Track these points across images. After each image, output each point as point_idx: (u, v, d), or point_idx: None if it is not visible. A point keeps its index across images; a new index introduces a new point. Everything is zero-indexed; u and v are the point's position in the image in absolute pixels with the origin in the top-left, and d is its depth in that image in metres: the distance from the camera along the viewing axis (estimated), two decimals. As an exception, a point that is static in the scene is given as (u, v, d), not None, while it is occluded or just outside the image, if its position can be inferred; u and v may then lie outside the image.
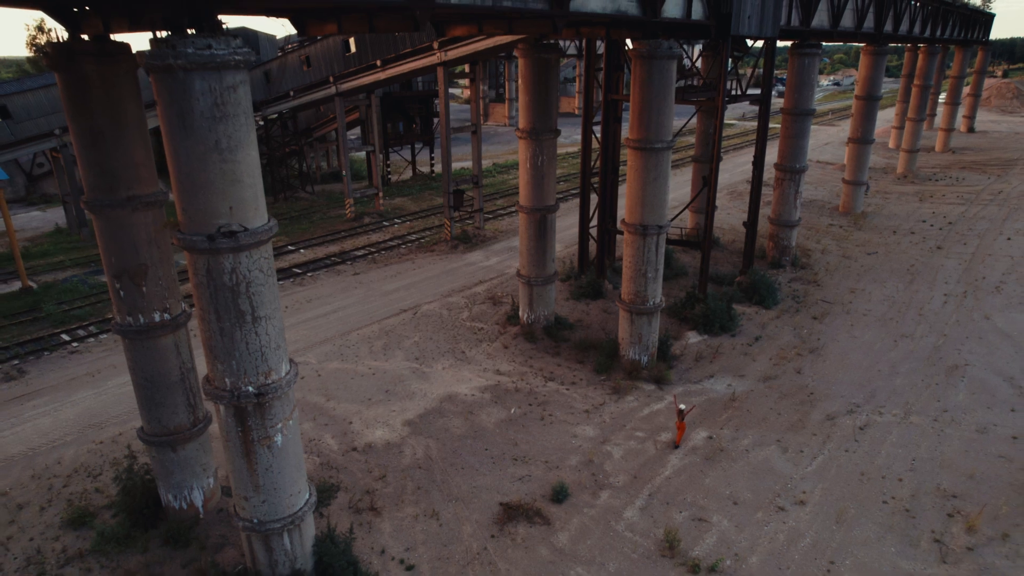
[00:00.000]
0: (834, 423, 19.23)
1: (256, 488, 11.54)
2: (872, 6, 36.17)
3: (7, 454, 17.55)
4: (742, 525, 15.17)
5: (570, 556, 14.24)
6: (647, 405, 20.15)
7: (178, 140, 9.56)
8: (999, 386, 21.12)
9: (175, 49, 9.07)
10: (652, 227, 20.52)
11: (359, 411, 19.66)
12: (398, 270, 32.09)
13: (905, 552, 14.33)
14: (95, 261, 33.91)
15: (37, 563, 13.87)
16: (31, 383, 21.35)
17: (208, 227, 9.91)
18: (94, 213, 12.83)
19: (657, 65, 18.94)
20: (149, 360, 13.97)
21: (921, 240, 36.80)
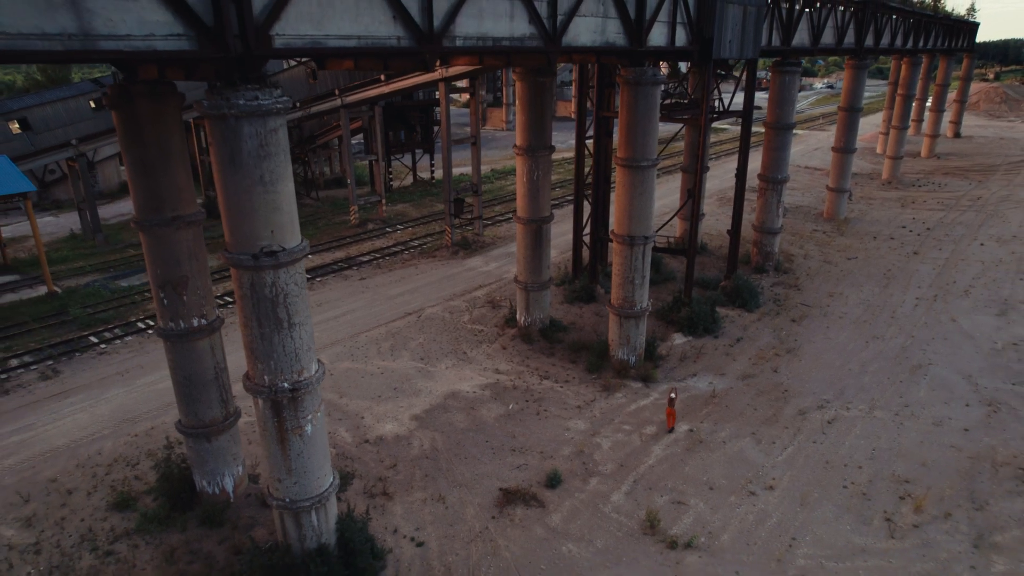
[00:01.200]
0: (805, 417, 21.05)
1: (289, 471, 13.32)
2: (852, 23, 38.04)
3: (52, 446, 19.30)
4: (716, 507, 16.98)
5: (562, 534, 16.04)
6: (634, 401, 21.96)
7: (228, 175, 11.34)
8: (957, 383, 22.97)
9: (228, 100, 10.85)
10: (639, 238, 22.34)
11: (370, 407, 21.44)
12: (402, 275, 33.87)
13: (859, 529, 16.15)
14: (113, 267, 35.66)
15: (90, 540, 15.63)
16: (66, 382, 23.10)
17: (252, 247, 11.69)
18: (143, 231, 14.59)
19: (642, 91, 20.77)
20: (188, 360, 15.74)
21: (900, 245, 38.66)
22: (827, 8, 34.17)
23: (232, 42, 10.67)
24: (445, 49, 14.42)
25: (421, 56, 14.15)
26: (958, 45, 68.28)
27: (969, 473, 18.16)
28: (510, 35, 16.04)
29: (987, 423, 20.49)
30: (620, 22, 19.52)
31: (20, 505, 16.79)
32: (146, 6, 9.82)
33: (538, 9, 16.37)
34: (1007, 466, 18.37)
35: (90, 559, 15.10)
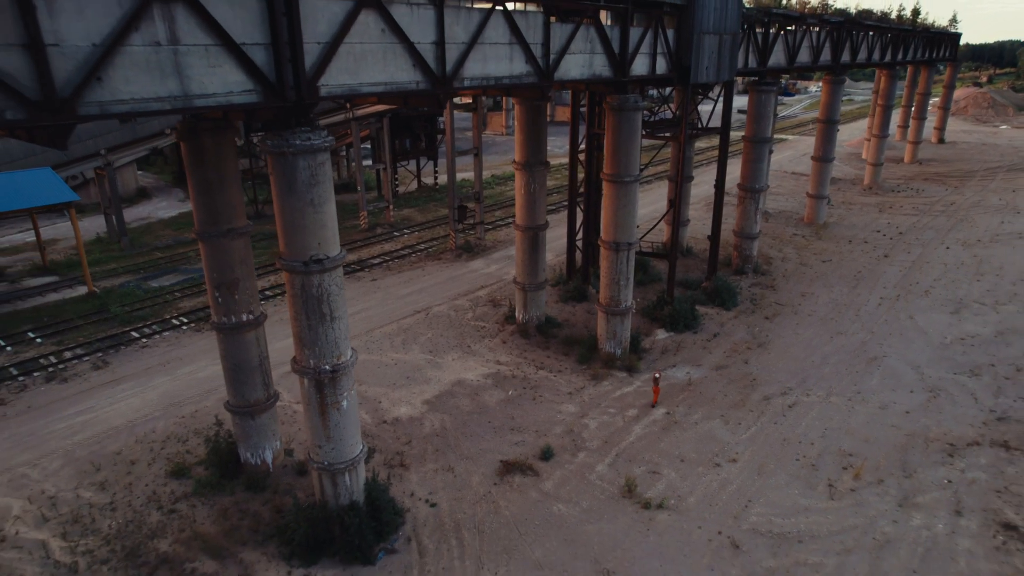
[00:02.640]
0: (768, 402, 23.96)
1: (328, 438, 16.21)
2: (827, 42, 40.91)
3: (112, 425, 22.20)
4: (685, 476, 19.88)
5: (553, 497, 18.94)
6: (619, 388, 24.86)
7: (285, 198, 14.23)
8: (906, 373, 25.88)
9: (287, 141, 13.75)
10: (623, 244, 25.25)
11: (386, 393, 24.34)
12: (410, 276, 36.78)
13: (805, 493, 19.05)
14: (143, 268, 38.54)
15: (155, 500, 18.52)
16: (116, 371, 26.00)
17: (303, 256, 14.58)
18: (203, 240, 17.49)
19: (625, 116, 23.68)
20: (237, 350, 18.64)
21: (872, 249, 41.56)
22: (802, 30, 37.05)
23: (289, 93, 13.56)
24: (455, 89, 17.33)
25: (436, 96, 17.05)
26: (940, 55, 71.20)
27: (904, 448, 21.06)
28: (510, 74, 18.95)
29: (926, 407, 23.40)
30: (606, 56, 22.44)
31: (93, 473, 19.69)
32: (228, 70, 12.71)
33: (533, 51, 19.27)
34: (937, 442, 21.28)
35: (157, 515, 17.99)
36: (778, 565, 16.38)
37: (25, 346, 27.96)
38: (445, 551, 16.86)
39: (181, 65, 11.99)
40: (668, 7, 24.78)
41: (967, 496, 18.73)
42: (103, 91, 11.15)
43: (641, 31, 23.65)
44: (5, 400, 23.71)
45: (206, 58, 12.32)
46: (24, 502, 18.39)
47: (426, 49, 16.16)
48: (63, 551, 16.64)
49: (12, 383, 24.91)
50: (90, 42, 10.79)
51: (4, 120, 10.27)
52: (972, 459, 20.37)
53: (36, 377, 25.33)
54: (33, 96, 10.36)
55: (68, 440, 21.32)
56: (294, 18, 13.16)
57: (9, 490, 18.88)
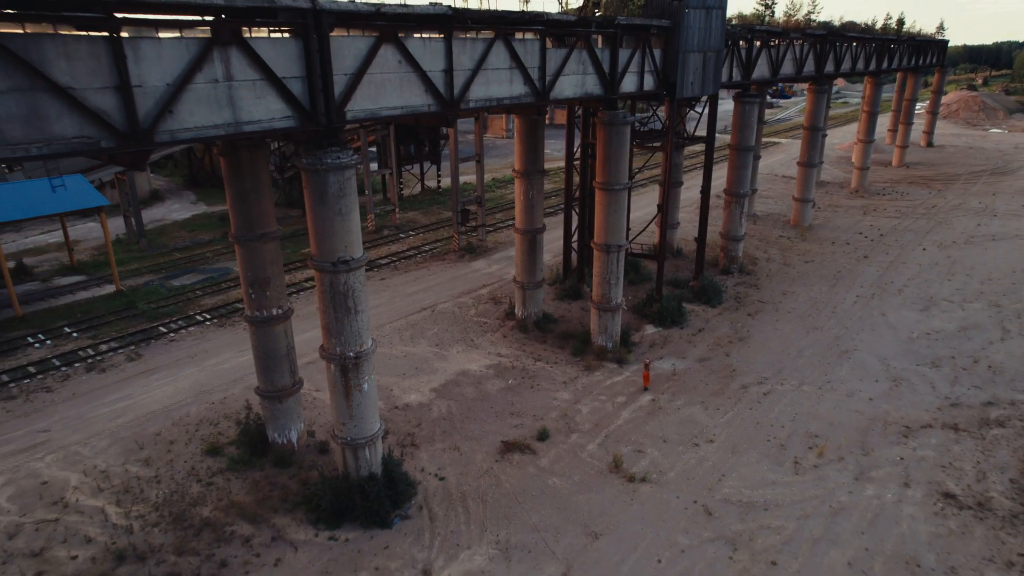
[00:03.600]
0: (746, 390, 26.27)
1: (351, 417, 18.54)
2: (810, 54, 43.19)
3: (150, 410, 24.54)
4: (667, 454, 22.20)
5: (548, 472, 21.26)
6: (610, 378, 27.19)
7: (317, 208, 16.56)
8: (873, 364, 28.20)
9: (320, 159, 16.08)
10: (613, 246, 27.57)
11: (397, 382, 26.67)
12: (416, 276, 39.11)
13: (773, 469, 21.37)
14: (164, 268, 40.87)
15: (194, 475, 20.84)
16: (148, 363, 28.33)
17: (332, 257, 16.90)
18: (239, 244, 19.81)
19: (615, 130, 26.02)
20: (267, 340, 20.97)
21: (853, 250, 43.87)
22: (785, 44, 39.33)
23: (321, 119, 15.90)
24: (461, 110, 19.66)
25: (445, 116, 19.38)
26: (927, 62, 73.50)
27: (865, 430, 23.38)
28: (510, 95, 21.28)
29: (888, 394, 25.73)
30: (597, 76, 24.76)
31: (137, 451, 22.02)
32: (271, 101, 15.04)
33: (531, 75, 21.59)
34: (894, 425, 23.60)
35: (197, 487, 20.31)
36: (744, 528, 18.70)
37: (63, 340, 30.30)
38: (453, 517, 19.18)
39: (234, 98, 14.34)
40: (655, 29, 27.10)
41: (916, 470, 21.06)
42: (173, 122, 13.50)
43: (630, 52, 25.96)
44: (52, 388, 26.05)
45: (253, 91, 14.67)
46: (80, 475, 20.73)
47: (436, 76, 18.50)
48: (118, 516, 18.97)
49: (56, 373, 27.25)
50: (165, 82, 13.15)
51: (99, 148, 12.63)
52: (924, 439, 22.70)
53: (77, 368, 27.66)
54: (122, 128, 12.71)
55: (112, 423, 23.66)
56: (325, 54, 15.51)
57: (66, 465, 21.23)
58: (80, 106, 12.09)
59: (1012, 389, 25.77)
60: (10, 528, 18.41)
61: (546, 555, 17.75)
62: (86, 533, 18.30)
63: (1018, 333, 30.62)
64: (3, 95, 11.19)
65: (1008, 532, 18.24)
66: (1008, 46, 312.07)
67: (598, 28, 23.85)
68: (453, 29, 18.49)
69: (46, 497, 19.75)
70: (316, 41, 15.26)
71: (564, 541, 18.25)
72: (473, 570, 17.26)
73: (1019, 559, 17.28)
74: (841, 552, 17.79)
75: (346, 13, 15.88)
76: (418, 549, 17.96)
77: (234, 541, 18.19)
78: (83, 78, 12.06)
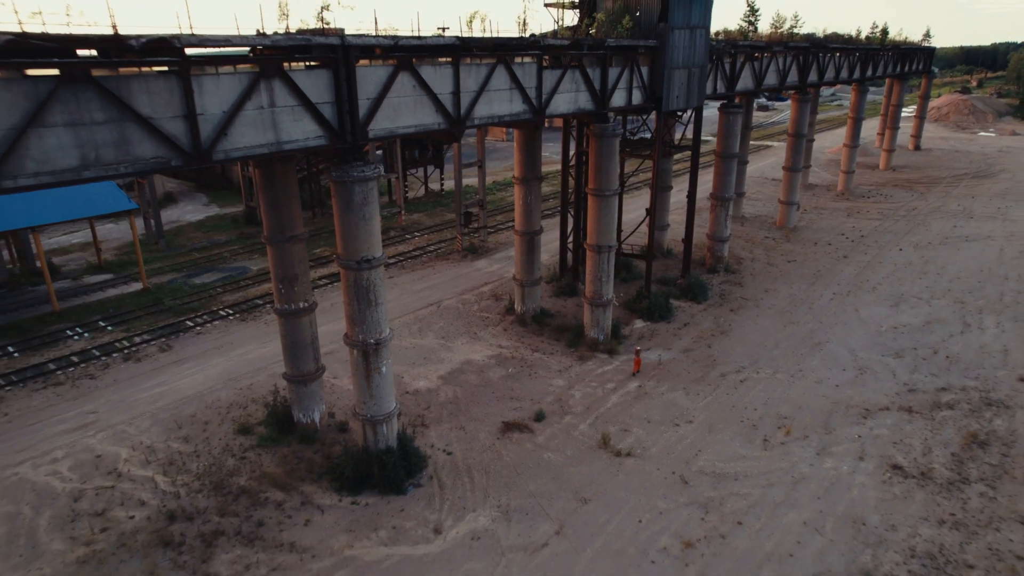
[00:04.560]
0: (724, 378, 28.88)
1: (371, 396, 21.16)
2: (793, 66, 45.80)
3: (184, 395, 27.15)
4: (650, 433, 24.81)
5: (544, 447, 23.88)
6: (601, 367, 29.80)
7: (344, 214, 19.18)
8: (843, 355, 30.82)
9: (347, 172, 18.70)
10: (605, 247, 30.19)
11: (407, 370, 29.28)
12: (422, 274, 41.74)
13: (744, 446, 23.99)
14: (185, 267, 43.48)
15: (230, 450, 23.46)
16: (179, 353, 30.96)
17: (356, 257, 19.52)
18: (271, 245, 22.42)
19: (605, 141, 28.64)
20: (294, 331, 23.58)
21: (834, 250, 46.49)
22: (768, 56, 41.93)
23: (348, 137, 18.52)
24: (467, 126, 22.28)
25: (452, 133, 22.02)
26: (913, 68, 76.09)
27: (829, 412, 26.00)
28: (510, 113, 23.89)
29: (853, 381, 28.35)
30: (589, 93, 27.37)
31: (177, 430, 24.64)
32: (306, 122, 17.65)
33: (529, 94, 24.21)
34: (855, 408, 26.22)
35: (232, 461, 22.93)
36: (716, 495, 21.32)
37: (99, 333, 32.93)
38: (459, 485, 21.80)
39: (276, 121, 16.97)
40: (643, 48, 29.71)
41: (870, 447, 23.68)
42: (227, 143, 16.13)
43: (619, 70, 28.57)
44: (95, 375, 28.68)
45: (292, 115, 17.30)
46: (129, 450, 23.36)
47: (445, 98, 21.13)
48: (166, 484, 21.60)
49: (96, 362, 29.88)
50: (222, 110, 15.78)
51: (170, 166, 15.26)
52: (880, 420, 25.33)
53: (115, 357, 30.30)
54: (188, 149, 15.33)
55: (152, 405, 26.29)
56: (352, 82, 18.13)
57: (115, 441, 23.85)
58: (157, 132, 14.72)
59: (964, 376, 28.39)
60: (74, 493, 21.05)
61: (541, 516, 20.36)
62: (140, 498, 20.92)
63: (977, 327, 33.26)
64: (101, 125, 13.81)
65: (944, 497, 20.87)
66: (1005, 47, 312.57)
67: (589, 50, 26.44)
68: (460, 57, 21.10)
69: (101, 468, 22.38)
70: (344, 71, 17.88)
71: (557, 505, 20.87)
72: (478, 529, 19.88)
73: (949, 518, 19.91)
74: (798, 514, 20.41)
75: (369, 47, 18.51)
76: (430, 512, 20.58)
77: (268, 505, 20.80)
78: (160, 109, 14.69)
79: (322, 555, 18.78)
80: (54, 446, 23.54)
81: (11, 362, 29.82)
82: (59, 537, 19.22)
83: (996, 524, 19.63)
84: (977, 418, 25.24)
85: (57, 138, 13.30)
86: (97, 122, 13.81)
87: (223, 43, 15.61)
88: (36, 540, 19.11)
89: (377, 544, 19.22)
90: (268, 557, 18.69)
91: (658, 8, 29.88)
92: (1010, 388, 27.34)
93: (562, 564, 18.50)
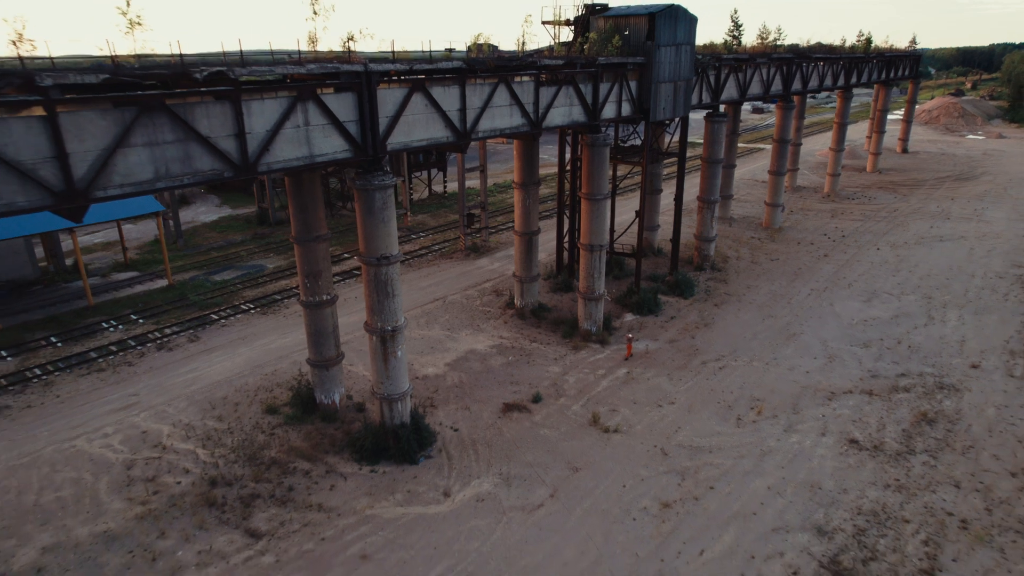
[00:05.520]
0: (705, 365, 31.71)
1: (388, 377, 24.00)
2: (777, 75, 48.62)
3: (215, 380, 30.00)
4: (636, 412, 27.64)
5: (540, 425, 26.72)
6: (593, 356, 32.64)
7: (366, 217, 22.03)
8: (815, 345, 33.66)
9: (369, 181, 21.55)
10: (596, 246, 33.03)
11: (417, 358, 32.12)
12: (428, 272, 44.58)
13: (719, 424, 26.82)
14: (205, 266, 46.32)
15: (259, 427, 26.30)
16: (207, 343, 33.81)
17: (376, 255, 22.36)
18: (298, 244, 25.26)
19: (596, 150, 31.49)
20: (318, 320, 26.42)
21: (816, 250, 49.31)
22: (751, 68, 44.75)
23: (369, 151, 21.37)
24: (472, 139, 25.13)
25: (460, 145, 24.87)
26: (899, 75, 78.93)
27: (798, 395, 28.84)
28: (510, 126, 26.74)
29: (822, 368, 31.19)
30: (581, 107, 30.21)
31: (211, 410, 27.48)
32: (334, 138, 20.49)
33: (527, 109, 27.05)
34: (822, 391, 29.06)
35: (262, 436, 25.76)
36: (692, 465, 24.16)
37: (132, 325, 35.79)
38: (465, 457, 24.64)
39: (309, 137, 19.82)
40: (631, 65, 32.56)
41: (832, 424, 26.52)
42: (269, 157, 18.98)
43: (609, 85, 31.41)
44: (132, 363, 31.54)
45: (323, 132, 20.14)
46: (170, 427, 26.20)
47: (453, 114, 23.97)
48: (205, 455, 24.44)
49: (133, 351, 32.74)
50: (265, 129, 18.63)
51: (223, 178, 18.09)
52: (843, 402, 28.16)
53: (149, 347, 33.16)
54: (238, 163, 18.18)
55: (187, 389, 29.14)
56: (373, 103, 20.98)
57: (157, 420, 26.70)
58: (214, 148, 17.56)
59: (922, 364, 31.24)
60: (126, 462, 23.90)
61: (538, 482, 23.21)
62: (184, 466, 23.77)
63: (940, 320, 36.10)
64: (171, 144, 16.66)
65: (891, 465, 23.72)
66: (1002, 48, 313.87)
67: (582, 68, 29.29)
68: (466, 78, 23.96)
69: (147, 442, 25.23)
70: (367, 94, 20.73)
71: (552, 473, 23.71)
72: (482, 493, 22.72)
73: (894, 482, 22.76)
74: (764, 480, 23.25)
75: (388, 72, 21.36)
76: (440, 478, 23.42)
77: (297, 473, 23.64)
78: (216, 129, 17.54)
79: (346, 514, 21.62)
80: (104, 423, 26.41)
81: (56, 351, 32.69)
82: (118, 498, 22.08)
83: (933, 487, 22.49)
84: (929, 399, 28.09)
85: (138, 156, 16.15)
86: (168, 142, 16.66)
87: (268, 73, 18.47)
88: (99, 500, 21.97)
89: (394, 505, 22.06)
90: (300, 515, 21.53)
91: (646, 28, 32.73)
92: (962, 374, 30.19)
93: (555, 521, 21.34)
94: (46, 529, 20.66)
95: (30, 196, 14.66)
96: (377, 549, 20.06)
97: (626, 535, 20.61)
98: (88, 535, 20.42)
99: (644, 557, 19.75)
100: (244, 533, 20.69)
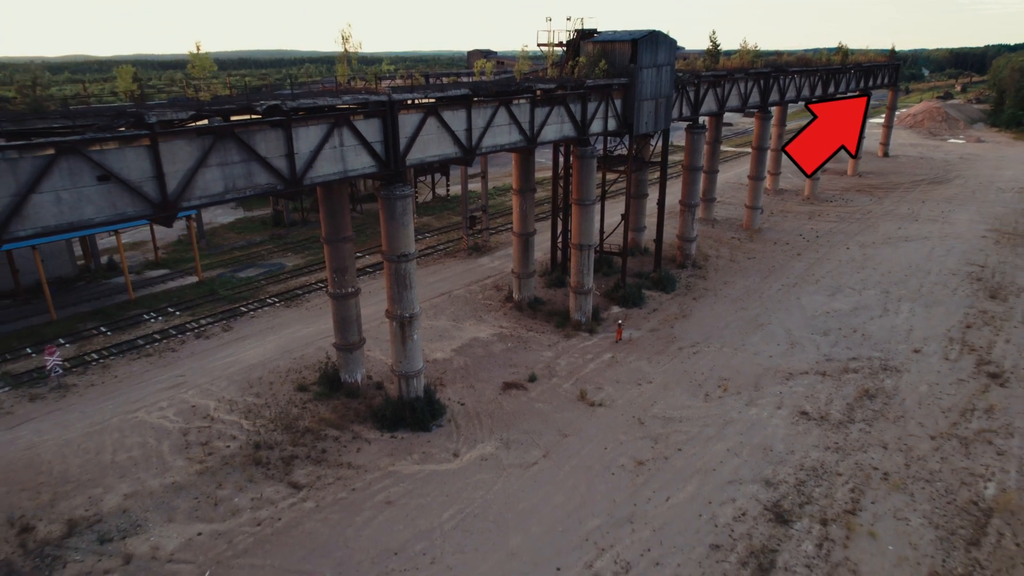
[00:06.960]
0: (680, 350, 35.92)
1: (405, 357, 28.18)
2: (755, 89, 52.82)
3: (250, 363, 34.15)
4: (618, 390, 31.83)
5: (535, 400, 30.90)
6: (582, 343, 36.83)
7: (389, 222, 26.22)
8: (780, 333, 37.87)
9: (392, 191, 25.75)
10: (586, 245, 37.24)
11: (426, 345, 36.28)
12: (434, 269, 48.76)
13: (690, 399, 31.02)
14: (229, 264, 50.45)
15: (293, 402, 30.45)
16: (239, 332, 37.95)
17: (397, 253, 26.55)
18: (327, 244, 29.43)
19: (585, 162, 35.70)
20: (344, 310, 30.59)
21: (790, 249, 53.53)
22: (730, 83, 48.93)
23: (391, 166, 25.55)
24: (477, 154, 29.33)
25: (466, 159, 29.06)
26: (877, 83, 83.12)
27: (760, 376, 33.05)
28: (509, 142, 30.93)
29: (784, 353, 35.41)
30: (571, 124, 34.40)
31: (248, 388, 31.64)
32: (363, 156, 24.66)
33: (523, 127, 31.24)
34: (781, 372, 33.28)
35: (296, 410, 29.93)
36: (664, 432, 28.36)
37: (170, 317, 39.93)
38: (471, 426, 28.81)
39: (343, 156, 24.00)
40: (616, 85, 36.73)
41: (787, 399, 30.73)
42: (312, 172, 23.16)
43: (596, 103, 35.59)
44: (175, 349, 35.69)
45: (354, 151, 24.33)
46: (215, 402, 30.36)
47: (460, 133, 28.16)
48: (248, 425, 28.60)
49: (173, 339, 36.89)
50: (309, 150, 22.81)
51: (276, 191, 22.27)
52: (799, 381, 32.38)
53: (188, 336, 37.31)
54: (288, 178, 22.35)
55: (226, 371, 33.30)
56: (395, 127, 25.16)
57: (203, 396, 30.86)
58: (269, 166, 21.72)
59: (872, 349, 35.49)
60: (182, 430, 28.07)
61: (532, 445, 27.40)
62: (231, 434, 27.94)
63: (894, 312, 40.36)
64: (237, 164, 20.82)
65: (832, 432, 27.95)
66: (996, 50, 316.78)
67: (572, 90, 33.47)
68: (471, 103, 28.13)
69: (197, 414, 29.39)
70: (390, 120, 24.90)
71: (544, 439, 27.90)
72: (485, 453, 26.90)
73: (833, 445, 26.99)
74: (724, 444, 27.46)
75: (407, 101, 25.54)
76: (449, 443, 27.60)
77: (327, 439, 27.81)
78: (271, 151, 21.70)
79: (372, 470, 25.79)
80: (159, 399, 30.57)
81: (106, 339, 36.85)
82: (180, 457, 26.25)
83: (865, 448, 26.74)
84: (873, 379, 32.33)
85: (212, 174, 20.31)
86: (235, 162, 20.83)
87: (311, 106, 22.64)
88: (164, 459, 26.14)
89: (412, 463, 26.25)
90: (333, 472, 25.70)
91: (629, 52, 36.90)
92: (904, 357, 34.45)
93: (547, 475, 25.53)
94: (124, 480, 24.84)
95: (137, 207, 18.82)
96: (399, 496, 24.25)
97: (606, 485, 24.82)
98: (159, 485, 24.60)
99: (620, 502, 23.95)
100: (287, 485, 24.87)
